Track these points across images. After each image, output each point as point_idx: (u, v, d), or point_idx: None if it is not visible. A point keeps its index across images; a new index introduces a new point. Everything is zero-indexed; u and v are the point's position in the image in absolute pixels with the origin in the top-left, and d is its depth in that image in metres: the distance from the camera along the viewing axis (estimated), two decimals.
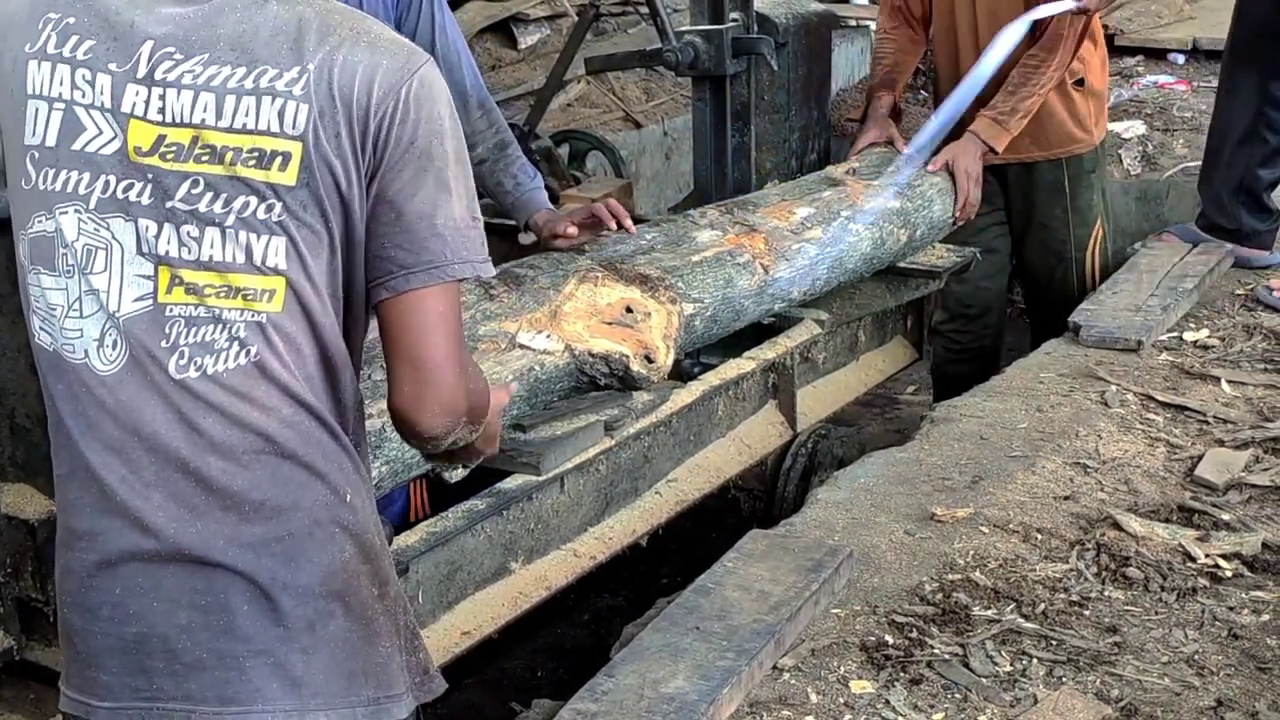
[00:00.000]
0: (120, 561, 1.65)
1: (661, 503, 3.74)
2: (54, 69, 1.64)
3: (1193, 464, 3.04)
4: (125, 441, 1.64)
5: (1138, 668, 2.33)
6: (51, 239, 1.64)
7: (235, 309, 1.63)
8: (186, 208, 1.62)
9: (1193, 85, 6.91)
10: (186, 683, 1.66)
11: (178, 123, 1.61)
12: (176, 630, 1.65)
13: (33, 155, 1.65)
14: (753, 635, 2.30)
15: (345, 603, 1.67)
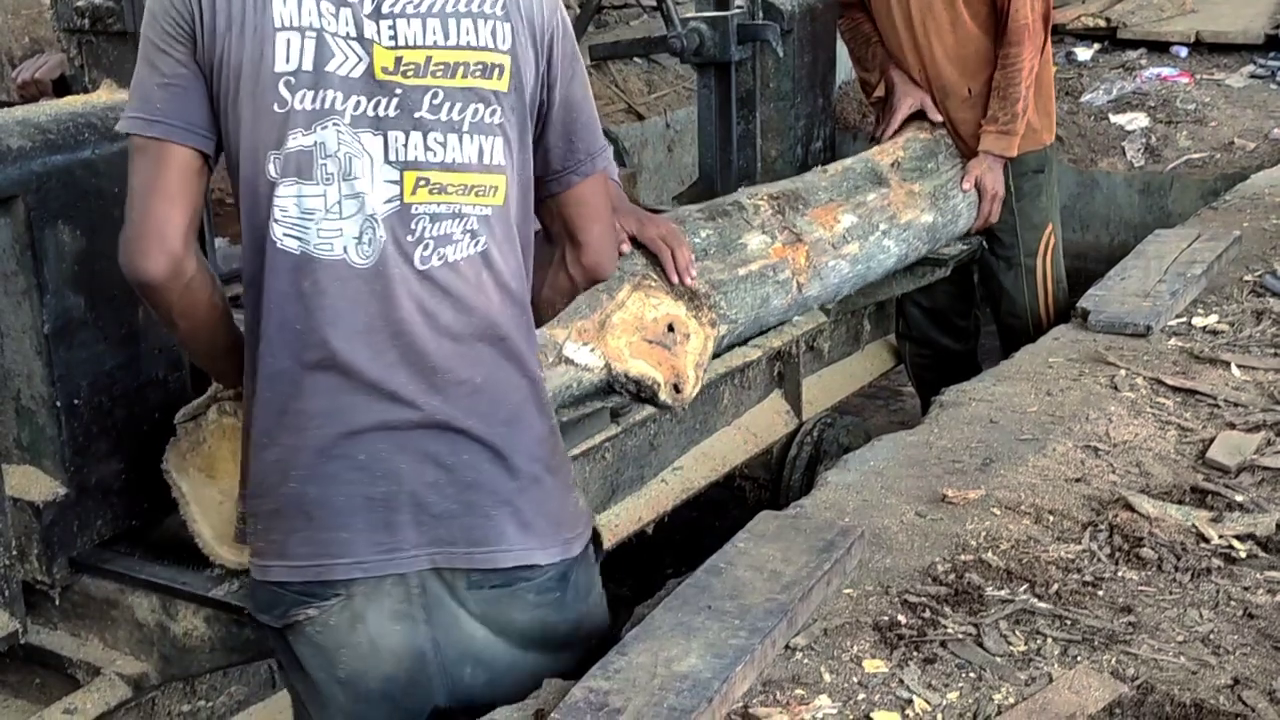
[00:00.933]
0: (366, 431, 1.91)
1: (667, 490, 3.73)
2: (300, 3, 1.88)
3: (1204, 447, 3.02)
4: (373, 327, 1.90)
5: (1153, 647, 2.31)
6: (311, 152, 1.89)
7: (470, 204, 1.95)
8: (431, 117, 1.92)
9: (1195, 78, 6.89)
10: (434, 530, 1.96)
11: (411, 45, 1.91)
12: (425, 486, 1.94)
13: (288, 81, 1.88)
14: (765, 614, 2.28)
15: (549, 464, 2.04)
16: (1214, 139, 6.34)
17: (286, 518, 1.96)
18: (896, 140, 4.06)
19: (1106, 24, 7.36)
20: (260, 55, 1.86)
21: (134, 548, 2.48)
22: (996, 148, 4.07)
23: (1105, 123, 6.58)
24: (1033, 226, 4.31)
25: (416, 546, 1.96)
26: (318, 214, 1.90)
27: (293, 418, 1.92)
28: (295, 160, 1.89)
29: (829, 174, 3.76)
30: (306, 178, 1.89)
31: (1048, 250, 4.37)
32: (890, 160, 3.93)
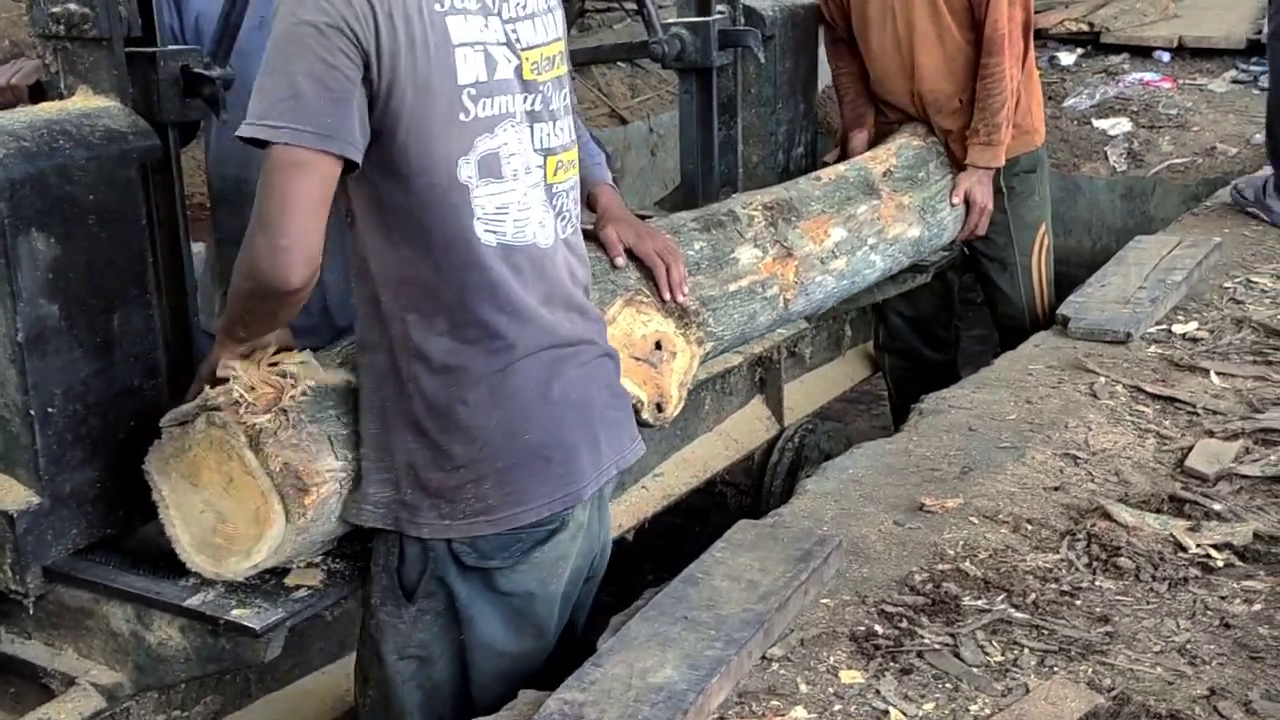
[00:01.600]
0: (566, 375, 2.24)
1: (648, 497, 3.71)
2: (466, 19, 2.09)
3: (1183, 455, 3.02)
4: (551, 293, 2.23)
5: (1130, 657, 2.31)
6: (497, 153, 2.14)
7: (573, 177, 2.32)
8: (553, 106, 2.23)
9: (1178, 83, 6.91)
10: (612, 439, 2.34)
11: (531, 45, 2.18)
12: (604, 404, 2.33)
13: (469, 92, 2.10)
14: (741, 625, 2.27)
15: None
16: (1196, 144, 6.35)
17: (520, 469, 2.21)
18: (890, 146, 4.05)
19: (1089, 28, 7.37)
20: (445, 69, 2.06)
21: (109, 557, 2.45)
22: (982, 160, 4.08)
23: (1088, 127, 6.59)
24: (1026, 226, 4.31)
25: (608, 458, 2.32)
26: (512, 208, 2.16)
27: (508, 385, 2.18)
28: (488, 162, 2.12)
29: (823, 182, 3.74)
30: (497, 176, 2.13)
31: (1041, 249, 4.37)
32: (883, 169, 3.93)
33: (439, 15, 2.06)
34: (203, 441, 2.24)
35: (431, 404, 2.18)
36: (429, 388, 2.17)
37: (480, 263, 2.13)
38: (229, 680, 2.66)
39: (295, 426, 2.21)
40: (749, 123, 4.18)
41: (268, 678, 2.71)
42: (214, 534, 2.27)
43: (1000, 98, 4.00)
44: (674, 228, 3.20)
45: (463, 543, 2.23)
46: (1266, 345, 3.59)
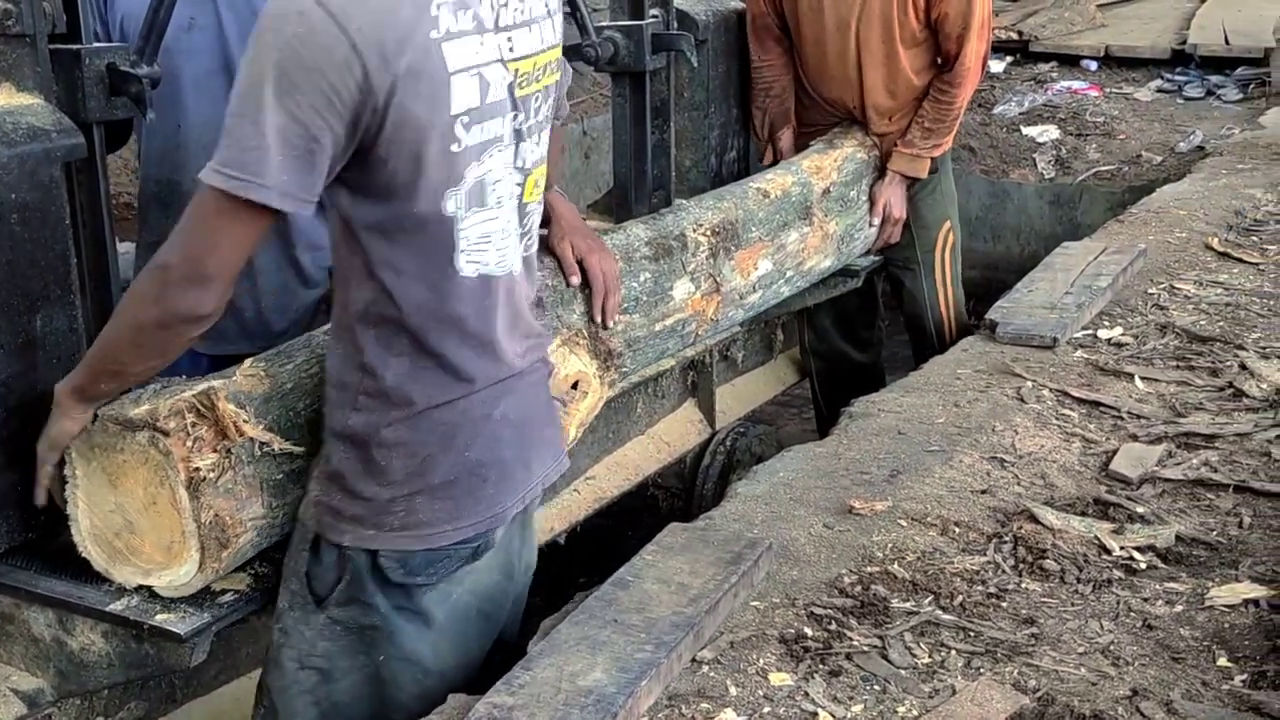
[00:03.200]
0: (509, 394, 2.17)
1: (580, 500, 3.71)
2: (462, 44, 1.95)
3: (1107, 459, 3.06)
4: (513, 318, 2.17)
5: (1054, 658, 2.33)
6: (482, 180, 2.03)
7: (541, 194, 2.22)
8: (533, 120, 2.11)
9: (1105, 91, 7.01)
10: (544, 457, 2.28)
11: (524, 55, 2.06)
12: (539, 420, 2.27)
13: (462, 121, 1.97)
14: (671, 628, 2.27)
15: None
16: (1122, 151, 6.45)
17: (457, 486, 2.14)
18: (836, 157, 4.07)
19: (1019, 37, 7.47)
20: (440, 101, 1.92)
21: (30, 561, 2.41)
22: (908, 169, 4.13)
23: (1017, 134, 6.67)
24: (928, 224, 4.35)
25: (536, 474, 2.26)
26: (495, 237, 2.08)
27: (464, 408, 2.12)
28: (475, 191, 2.02)
29: (769, 200, 3.74)
30: (482, 204, 2.04)
31: (945, 247, 4.41)
32: (824, 185, 3.94)
33: (435, 43, 1.91)
34: (138, 454, 2.19)
35: (372, 420, 2.10)
36: (375, 405, 2.10)
37: (456, 295, 2.05)
38: (153, 686, 2.62)
39: (234, 469, 2.18)
40: (682, 127, 4.19)
41: (193, 683, 2.68)
42: (117, 537, 2.23)
43: (948, 123, 4.08)
44: (628, 251, 3.19)
45: (389, 556, 2.15)
46: (1189, 350, 3.64)
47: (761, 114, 4.32)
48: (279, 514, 2.30)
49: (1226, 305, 3.96)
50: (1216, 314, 3.90)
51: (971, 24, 3.99)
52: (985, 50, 4.14)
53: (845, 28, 4.07)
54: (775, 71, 4.27)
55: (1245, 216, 4.76)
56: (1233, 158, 5.58)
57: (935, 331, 4.38)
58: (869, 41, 4.05)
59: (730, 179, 4.27)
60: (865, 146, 4.17)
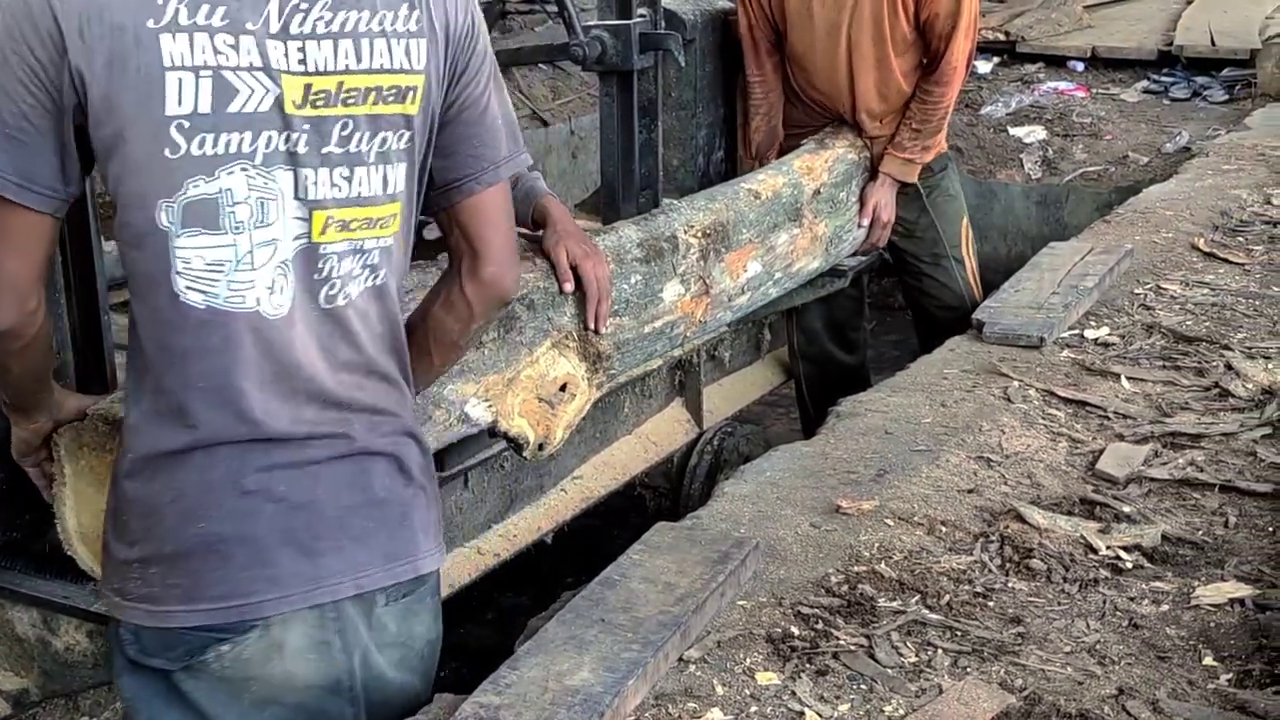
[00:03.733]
0: (279, 468, 1.84)
1: (567, 500, 3.71)
2: (192, 39, 1.71)
3: (1094, 458, 3.06)
4: (283, 373, 1.83)
5: (1041, 657, 2.34)
6: (215, 200, 1.75)
7: (373, 238, 1.86)
8: (340, 150, 1.80)
9: (1091, 92, 7.03)
10: (353, 554, 1.90)
11: (322, 71, 1.77)
12: (343, 510, 1.89)
13: (180, 125, 1.72)
14: (658, 627, 2.27)
15: (429, 476, 2.02)
16: (1109, 152, 6.46)
17: (194, 560, 1.84)
18: (827, 157, 4.07)
19: (1006, 37, 7.48)
20: (148, 98, 1.70)
21: (14, 561, 2.41)
22: (899, 173, 4.14)
23: (1004, 135, 6.69)
24: (950, 220, 4.37)
25: (338, 573, 1.89)
26: (227, 266, 1.77)
27: (201, 458, 1.82)
28: (196, 209, 1.75)
29: (760, 200, 3.74)
30: (212, 228, 1.76)
31: (967, 241, 4.43)
32: (815, 185, 3.94)
33: (151, 33, 1.69)
34: None
35: (120, 465, 1.88)
36: (123, 447, 1.88)
37: (179, 324, 1.79)
38: None
39: None
40: (669, 126, 4.19)
41: None
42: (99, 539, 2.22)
43: (937, 124, 4.09)
44: (619, 252, 3.19)
45: (126, 628, 1.90)
46: (1175, 350, 3.65)
47: (752, 132, 4.32)
48: None
49: (1212, 305, 3.97)
50: (1202, 314, 3.91)
51: (960, 24, 4.00)
52: (971, 50, 4.15)
53: (836, 31, 4.07)
54: (766, 88, 4.27)
55: (1231, 217, 4.77)
56: (1218, 159, 5.60)
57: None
58: (860, 45, 4.05)
59: (718, 178, 4.27)
60: (856, 147, 4.17)
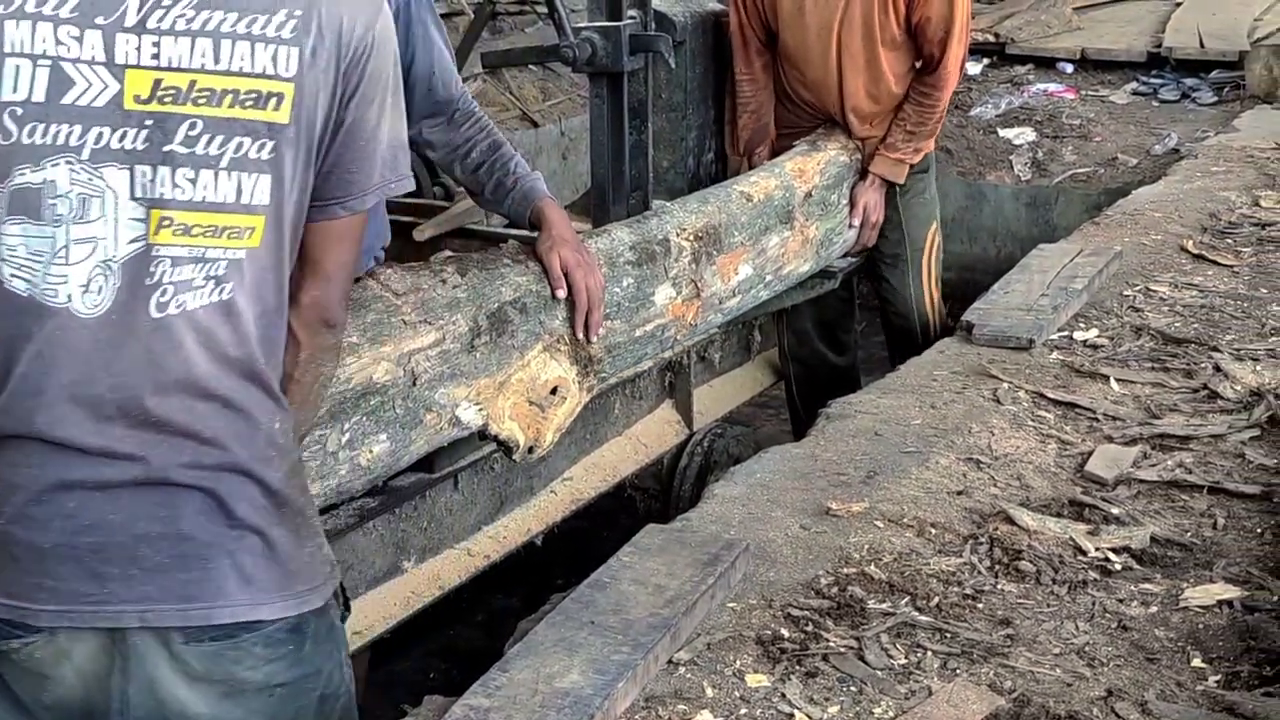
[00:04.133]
0: (77, 485, 1.73)
1: (557, 501, 3.71)
2: (34, 27, 1.68)
3: (1083, 460, 3.07)
4: (93, 379, 1.72)
5: (1030, 659, 2.34)
6: (39, 190, 1.70)
7: (219, 247, 1.75)
8: (185, 150, 1.72)
9: (1081, 94, 7.04)
10: (144, 585, 1.76)
11: (175, 68, 1.71)
12: (136, 539, 1.75)
13: (13, 111, 1.69)
14: (648, 629, 2.28)
15: (279, 514, 1.81)
16: (1098, 154, 6.48)
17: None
18: (819, 160, 4.07)
19: (996, 39, 7.49)
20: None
21: None
22: (889, 173, 4.15)
23: (994, 136, 6.70)
24: (919, 223, 4.37)
25: (125, 601, 1.78)
26: (45, 256, 1.73)
27: (9, 458, 1.76)
28: (22, 198, 1.72)
29: (752, 203, 3.74)
30: (35, 218, 1.72)
31: (932, 248, 4.43)
32: (807, 189, 3.95)
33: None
34: None
35: None
36: None
37: (6, 310, 1.74)
38: None
39: None
40: (659, 128, 4.19)
41: None
42: None
43: (930, 127, 4.10)
44: (612, 255, 3.19)
45: None
46: (1164, 352, 3.66)
47: (740, 129, 4.32)
48: None
49: (1201, 307, 3.98)
50: (1191, 316, 3.92)
51: (953, 28, 4.00)
52: (964, 53, 4.16)
53: (827, 32, 4.08)
54: (755, 86, 4.28)
55: (1220, 219, 4.78)
56: (1207, 160, 5.61)
57: (921, 331, 4.39)
58: (850, 45, 4.06)
59: (708, 180, 4.28)
60: (848, 150, 4.18)
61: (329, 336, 1.90)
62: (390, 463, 2.73)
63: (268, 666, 1.84)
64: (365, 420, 2.59)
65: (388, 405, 2.63)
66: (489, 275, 2.91)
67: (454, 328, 2.76)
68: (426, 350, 2.70)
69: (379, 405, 2.61)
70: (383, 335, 2.63)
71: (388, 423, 2.64)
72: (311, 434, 2.47)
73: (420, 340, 2.69)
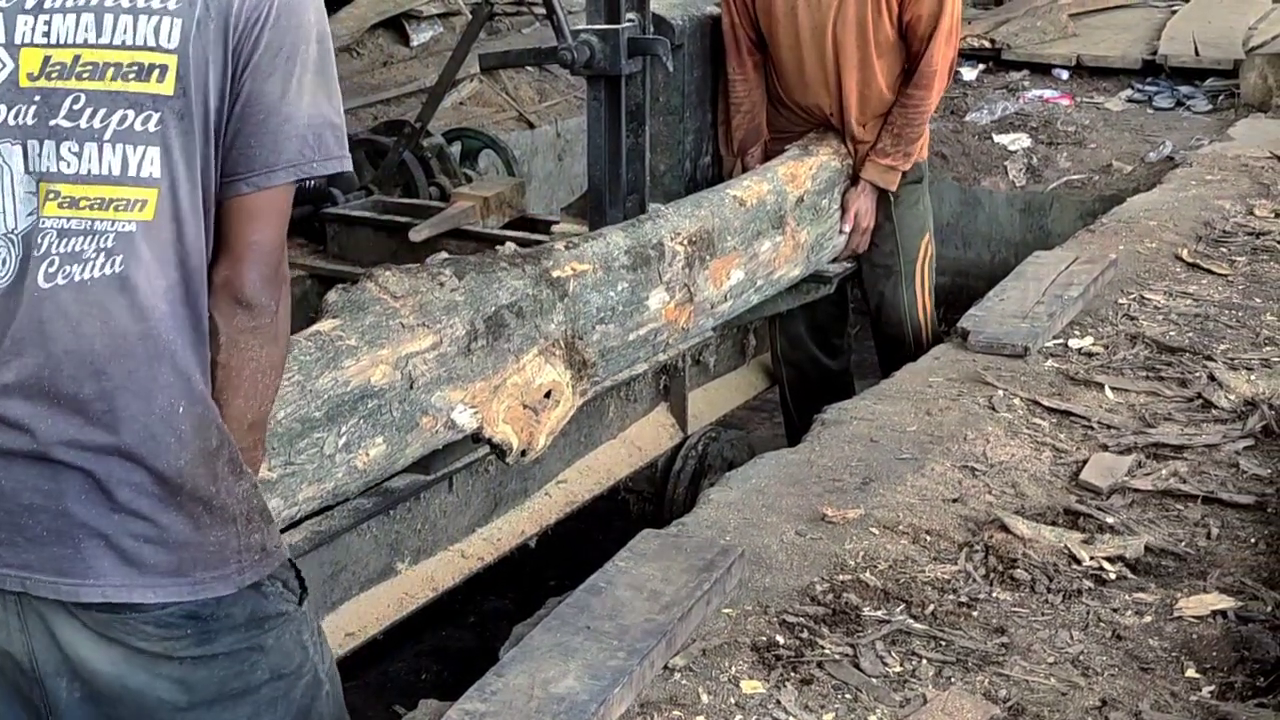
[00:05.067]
0: None
1: (551, 504, 3.71)
2: None
3: (1078, 468, 3.08)
4: None
5: (1024, 668, 2.35)
6: None
7: (107, 220, 1.75)
8: (69, 124, 1.74)
9: (1076, 100, 7.05)
10: (25, 554, 1.77)
11: (61, 43, 1.74)
12: (20, 509, 1.76)
13: None
14: (644, 635, 2.28)
15: (178, 501, 1.78)
16: (1093, 161, 6.48)
17: None
18: (810, 164, 4.07)
19: (991, 45, 7.50)
20: None
21: None
22: (880, 180, 4.15)
23: (989, 142, 6.70)
24: (912, 234, 4.36)
25: (9, 566, 1.80)
26: None
27: None
28: None
29: (746, 208, 3.74)
30: None
31: (925, 258, 4.42)
32: (799, 193, 3.95)
33: None
34: None
35: None
36: None
37: None
38: None
39: None
40: (656, 131, 4.19)
41: None
42: None
43: (918, 129, 4.09)
44: (607, 260, 3.19)
45: None
46: (1159, 361, 3.67)
47: (733, 129, 4.32)
48: None
49: (1196, 316, 3.99)
50: (1186, 325, 3.93)
51: (940, 26, 4.00)
52: (953, 56, 4.15)
53: (821, 33, 4.08)
54: (748, 86, 4.28)
55: (1214, 228, 4.79)
56: (1202, 169, 5.62)
57: (913, 339, 4.39)
58: (845, 46, 4.06)
59: (705, 184, 4.27)
60: (840, 155, 4.18)
61: (246, 318, 1.82)
62: (386, 466, 2.73)
63: (165, 643, 1.83)
64: (362, 423, 2.59)
65: (385, 408, 2.63)
66: (486, 278, 2.91)
67: (451, 331, 2.76)
68: (424, 353, 2.70)
69: (376, 409, 2.61)
70: (381, 338, 2.63)
71: (384, 426, 2.64)
72: (308, 436, 2.48)
73: (418, 343, 2.70)
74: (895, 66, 4.11)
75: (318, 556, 2.96)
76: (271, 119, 1.80)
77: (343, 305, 2.67)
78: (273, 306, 1.83)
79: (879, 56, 4.07)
